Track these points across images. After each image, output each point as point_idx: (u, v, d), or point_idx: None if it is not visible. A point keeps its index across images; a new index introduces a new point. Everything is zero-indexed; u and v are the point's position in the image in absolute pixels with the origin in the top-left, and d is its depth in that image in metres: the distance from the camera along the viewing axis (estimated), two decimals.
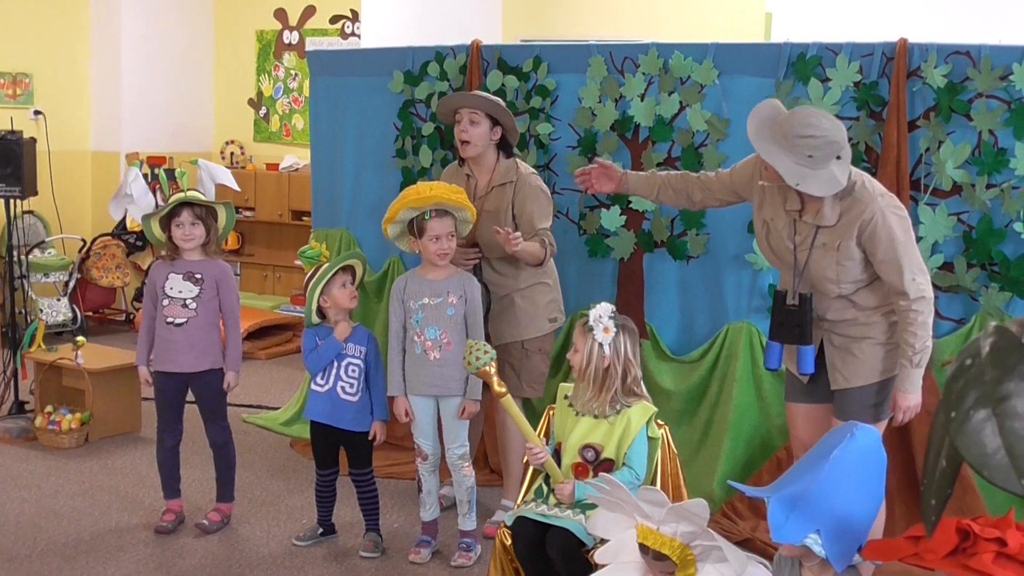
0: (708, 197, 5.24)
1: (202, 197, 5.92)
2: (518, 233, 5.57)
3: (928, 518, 1.30)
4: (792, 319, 4.75)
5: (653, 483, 4.59)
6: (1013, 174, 5.55)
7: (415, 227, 5.46)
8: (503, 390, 4.79)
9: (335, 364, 5.65)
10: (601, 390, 4.60)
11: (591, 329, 4.64)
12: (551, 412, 4.88)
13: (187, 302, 5.81)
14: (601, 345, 4.62)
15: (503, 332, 5.93)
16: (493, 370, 4.80)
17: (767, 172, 4.67)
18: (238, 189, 10.00)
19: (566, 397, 4.75)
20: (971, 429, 1.15)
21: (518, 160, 6.04)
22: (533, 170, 6.05)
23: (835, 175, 4.47)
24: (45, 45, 11.48)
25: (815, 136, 4.42)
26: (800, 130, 4.43)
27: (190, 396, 5.99)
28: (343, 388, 5.63)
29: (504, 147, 5.99)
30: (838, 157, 4.48)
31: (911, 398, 4.65)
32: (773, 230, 4.85)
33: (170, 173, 10.34)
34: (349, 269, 5.69)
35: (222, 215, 5.92)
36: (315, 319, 5.69)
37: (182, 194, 5.88)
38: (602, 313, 4.65)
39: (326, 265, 5.63)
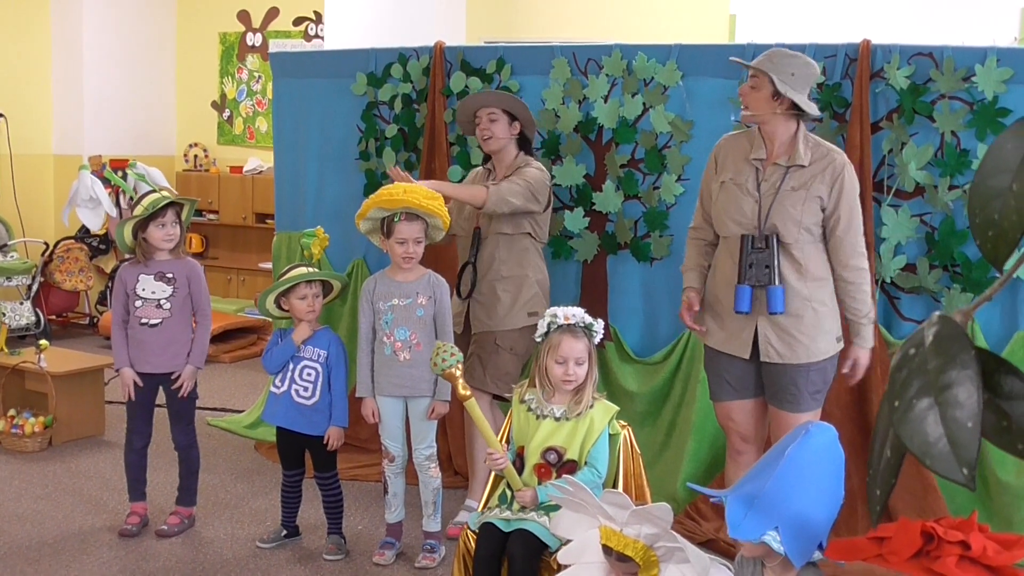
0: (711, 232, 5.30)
1: (169, 196, 5.88)
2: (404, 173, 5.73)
3: (873, 508, 1.31)
4: (762, 260, 4.83)
5: (616, 484, 4.58)
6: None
7: (385, 227, 5.47)
8: (467, 393, 4.77)
9: (291, 366, 5.65)
10: (576, 394, 4.60)
11: (593, 336, 4.65)
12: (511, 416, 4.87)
13: (161, 302, 5.78)
14: (590, 353, 4.64)
15: (480, 320, 5.94)
16: (459, 372, 4.78)
17: (747, 108, 4.91)
18: (175, 192, 10.00)
19: (523, 401, 4.72)
20: (913, 418, 1.16)
21: (532, 159, 6.06)
22: (542, 167, 6.02)
23: (810, 104, 4.84)
24: (5, 47, 11.43)
25: (795, 57, 4.84)
26: (781, 52, 4.89)
27: (160, 399, 5.97)
28: (297, 391, 5.62)
29: (523, 144, 6.06)
30: (810, 98, 4.88)
31: (869, 354, 5.01)
32: (732, 187, 4.96)
33: (123, 176, 10.29)
34: (319, 283, 5.68)
35: (185, 212, 5.91)
36: (270, 310, 5.73)
37: (158, 195, 5.83)
38: (592, 319, 4.66)
39: (297, 272, 5.62)
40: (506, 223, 5.89)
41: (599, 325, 4.68)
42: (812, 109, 4.82)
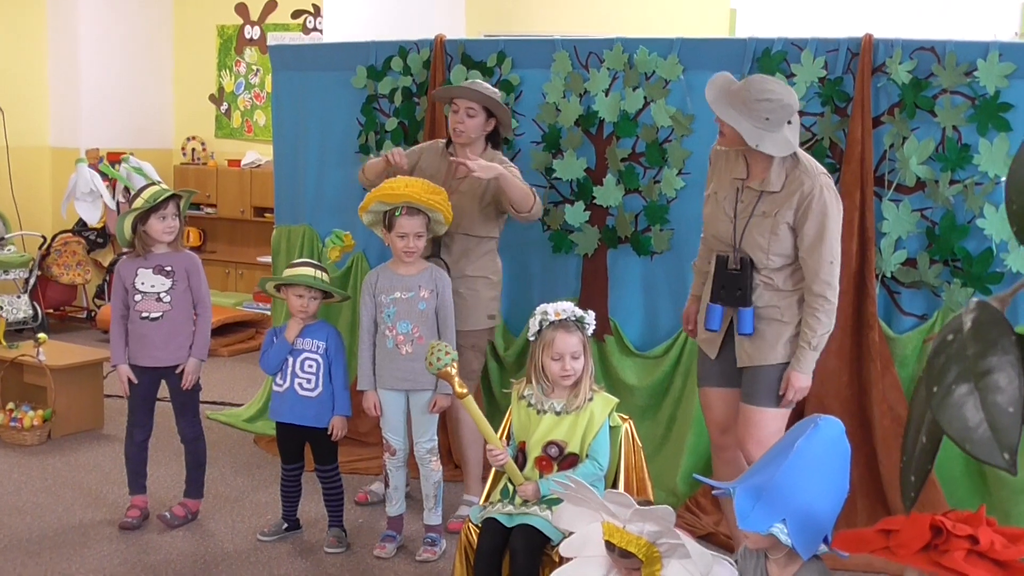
0: None
1: (169, 188, 5.88)
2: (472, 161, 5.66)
3: (907, 494, 1.31)
4: (734, 282, 4.87)
5: (616, 477, 4.60)
6: (976, 170, 5.58)
7: (387, 220, 5.47)
8: (464, 391, 4.78)
9: (291, 361, 5.65)
10: (575, 388, 4.60)
11: (585, 328, 4.65)
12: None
13: (161, 296, 5.78)
14: (585, 346, 4.64)
15: None
16: (454, 371, 4.79)
17: (724, 137, 4.87)
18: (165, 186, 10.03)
19: (522, 397, 4.72)
20: (953, 404, 1.16)
21: (500, 154, 6.06)
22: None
23: (788, 138, 4.72)
24: (1, 40, 11.41)
25: (771, 99, 4.66)
26: (757, 95, 4.67)
27: (162, 392, 5.97)
28: (300, 384, 5.62)
29: (492, 138, 6.04)
30: (789, 122, 4.73)
31: (804, 379, 4.86)
32: (715, 203, 5.00)
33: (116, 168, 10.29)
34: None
35: (183, 204, 5.91)
36: (270, 292, 5.81)
37: (158, 187, 5.84)
38: (583, 312, 4.66)
39: (303, 272, 5.62)
40: (484, 226, 5.91)
41: (590, 317, 4.69)
42: (786, 148, 4.72)
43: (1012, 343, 1.15)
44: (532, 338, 4.70)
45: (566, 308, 4.65)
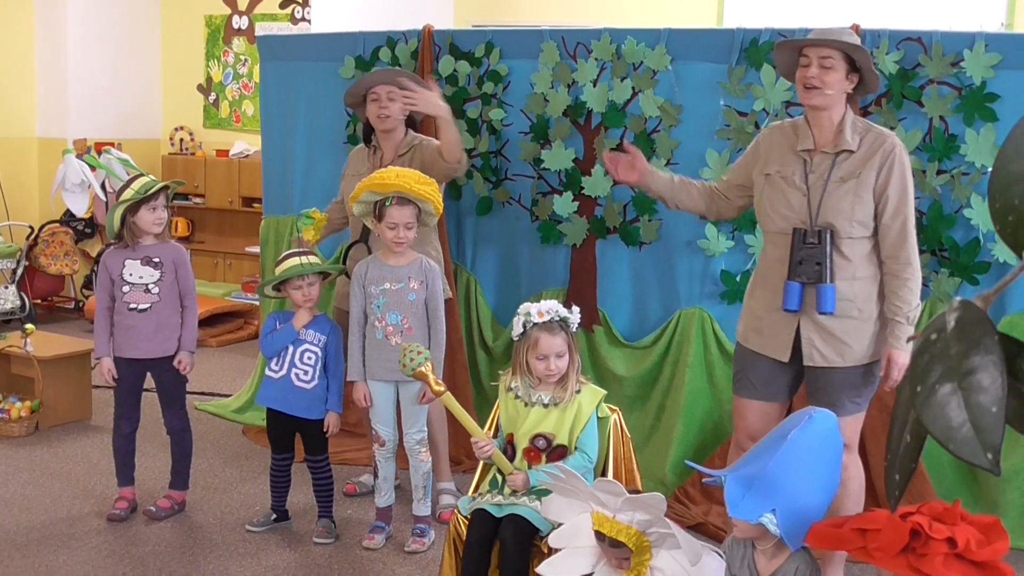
0: (725, 205, 5.11)
1: (158, 180, 5.87)
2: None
3: (892, 493, 1.31)
4: (812, 256, 4.60)
5: (605, 467, 4.59)
6: (963, 160, 5.60)
7: (377, 210, 5.46)
8: (442, 388, 4.76)
9: (290, 350, 5.63)
10: (561, 383, 4.60)
11: (570, 327, 4.64)
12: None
13: (149, 287, 5.76)
14: (570, 344, 4.63)
15: None
16: (429, 370, 4.78)
17: (825, 80, 4.56)
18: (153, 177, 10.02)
19: (510, 389, 4.72)
20: (936, 403, 1.16)
21: (422, 136, 6.16)
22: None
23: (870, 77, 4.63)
24: None
25: (854, 35, 4.60)
26: (833, 29, 4.63)
27: (148, 383, 5.96)
28: (297, 375, 5.61)
29: (410, 123, 6.17)
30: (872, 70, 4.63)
31: (905, 356, 4.53)
32: (778, 180, 4.74)
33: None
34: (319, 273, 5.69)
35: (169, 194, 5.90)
36: (269, 295, 5.76)
37: (148, 179, 5.82)
38: (569, 312, 4.65)
39: (290, 264, 5.60)
40: None
41: (575, 315, 4.66)
42: (872, 78, 4.60)
43: (995, 342, 1.15)
44: (516, 338, 4.69)
45: (550, 308, 4.62)
